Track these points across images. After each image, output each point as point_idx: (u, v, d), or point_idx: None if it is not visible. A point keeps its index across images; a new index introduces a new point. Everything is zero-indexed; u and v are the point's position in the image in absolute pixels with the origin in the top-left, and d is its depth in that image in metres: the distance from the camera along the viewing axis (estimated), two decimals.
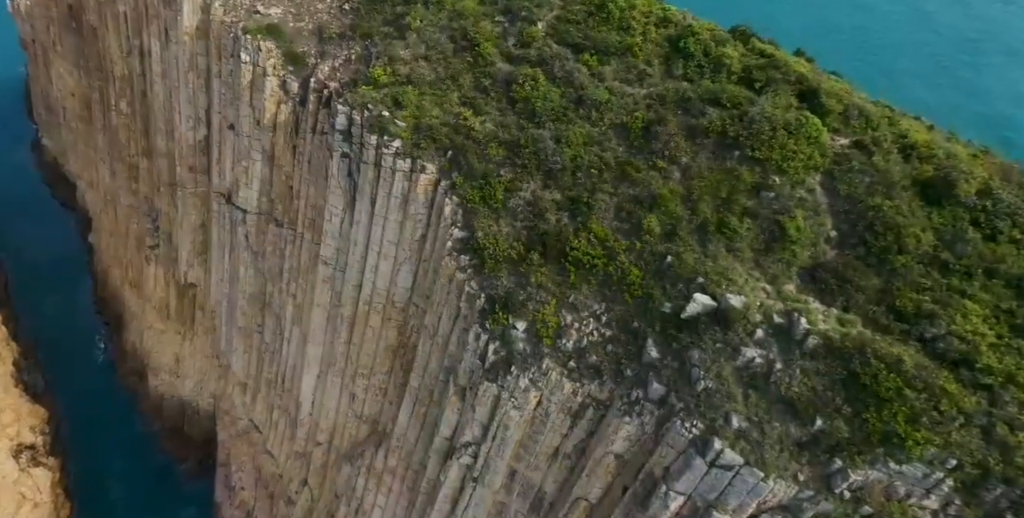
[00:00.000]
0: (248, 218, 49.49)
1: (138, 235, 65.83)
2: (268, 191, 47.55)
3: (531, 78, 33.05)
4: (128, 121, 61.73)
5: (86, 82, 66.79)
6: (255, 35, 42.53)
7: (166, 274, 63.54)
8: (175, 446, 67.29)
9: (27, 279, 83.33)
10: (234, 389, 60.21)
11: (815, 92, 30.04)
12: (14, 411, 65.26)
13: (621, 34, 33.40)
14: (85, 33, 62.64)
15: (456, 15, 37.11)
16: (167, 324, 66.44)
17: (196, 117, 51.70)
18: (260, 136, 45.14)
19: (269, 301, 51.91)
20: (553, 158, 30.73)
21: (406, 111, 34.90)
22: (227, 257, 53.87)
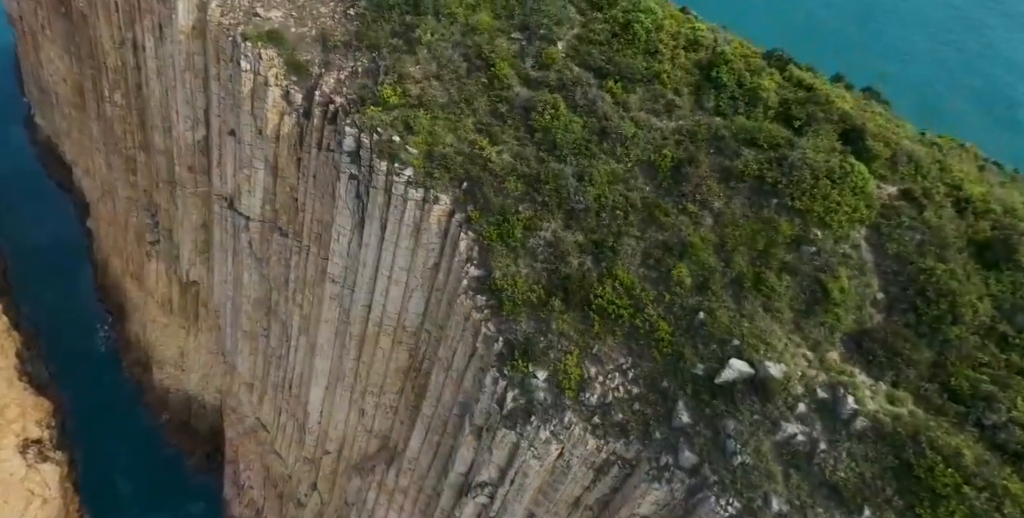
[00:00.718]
0: (251, 225, 47.63)
1: (138, 229, 63.92)
2: (272, 200, 45.61)
3: (551, 106, 30.94)
4: (123, 113, 59.21)
5: (78, 69, 63.99)
6: (255, 42, 40.06)
7: (168, 270, 61.89)
8: (182, 439, 66.66)
9: (26, 265, 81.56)
10: (240, 387, 59.15)
11: (860, 133, 27.99)
12: (19, 406, 64.29)
13: (648, 59, 31.10)
14: (75, 19, 59.64)
15: (469, 30, 34.69)
16: (170, 318, 65.08)
17: (194, 118, 49.40)
18: (262, 145, 43.01)
19: (275, 308, 50.44)
20: (576, 197, 28.89)
21: (418, 137, 32.83)
22: (230, 261, 52.18)
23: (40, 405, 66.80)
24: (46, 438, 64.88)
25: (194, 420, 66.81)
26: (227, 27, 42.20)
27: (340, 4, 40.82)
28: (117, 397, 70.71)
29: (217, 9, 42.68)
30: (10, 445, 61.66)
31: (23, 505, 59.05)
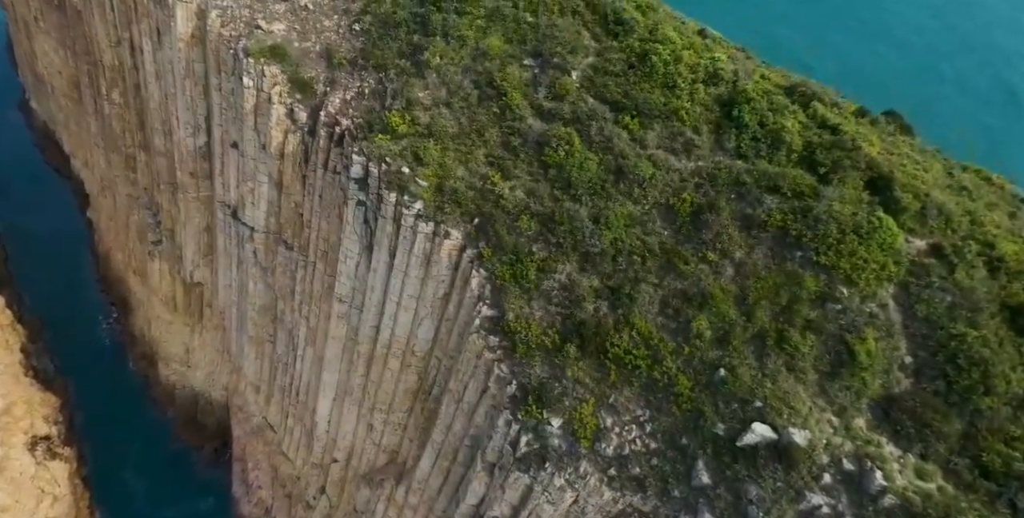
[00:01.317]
0: (256, 236, 46.76)
1: (139, 227, 62.88)
2: (276, 213, 44.66)
3: (565, 141, 29.89)
4: (122, 111, 57.73)
5: (73, 63, 62.21)
6: (258, 57, 38.67)
7: (171, 270, 61.07)
8: (190, 434, 66.67)
9: (26, 253, 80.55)
10: (246, 387, 58.88)
11: (888, 182, 26.93)
12: (26, 403, 64.16)
13: (666, 94, 29.90)
14: (69, 13, 57.66)
15: (480, 55, 33.35)
16: (174, 316, 64.51)
17: (195, 124, 48.07)
18: (266, 160, 41.89)
19: (280, 316, 49.84)
20: (591, 240, 28.07)
21: (428, 169, 31.83)
22: (234, 268, 51.40)
23: (47, 400, 66.68)
24: (54, 434, 64.89)
25: (201, 416, 66.74)
26: (228, 39, 40.75)
27: (344, 18, 39.27)
28: (124, 391, 70.49)
29: (217, 19, 41.12)
30: (19, 443, 61.67)
31: (34, 504, 59.29)
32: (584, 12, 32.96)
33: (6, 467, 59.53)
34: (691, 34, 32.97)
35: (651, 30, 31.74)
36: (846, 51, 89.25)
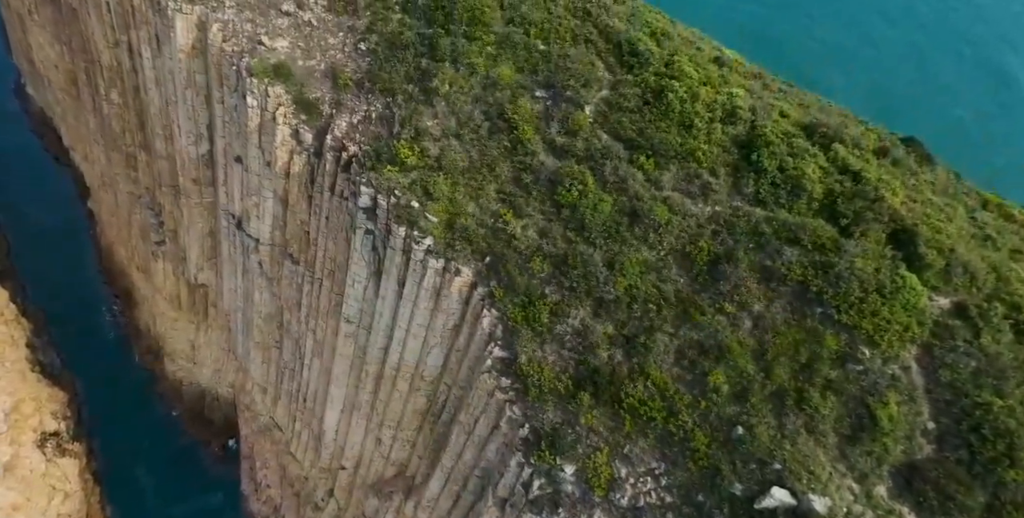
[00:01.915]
0: (261, 248, 46.12)
1: (141, 226, 62.17)
2: (282, 227, 43.96)
3: (579, 181, 29.19)
4: (121, 111, 56.51)
5: (70, 59, 60.71)
6: (261, 77, 37.54)
7: (175, 270, 60.51)
8: (197, 429, 66.96)
9: (27, 243, 79.89)
10: (253, 387, 58.83)
11: (912, 236, 26.18)
12: (34, 399, 64.20)
13: (682, 133, 29.04)
14: (64, 10, 55.99)
15: (490, 84, 32.37)
16: (179, 314, 64.19)
17: (197, 133, 47.09)
18: (271, 176, 41.02)
19: (287, 326, 49.48)
20: (605, 286, 27.59)
21: (438, 204, 31.16)
22: (239, 276, 50.86)
23: (55, 396, 66.74)
24: (63, 430, 65.07)
25: (208, 411, 66.94)
26: (230, 54, 39.59)
27: (350, 36, 38.06)
28: (131, 385, 70.60)
29: (219, 33, 39.89)
30: (28, 441, 61.85)
31: (46, 501, 59.70)
32: (597, 40, 31.88)
33: (17, 465, 59.81)
34: (707, 62, 31.89)
35: (667, 62, 30.70)
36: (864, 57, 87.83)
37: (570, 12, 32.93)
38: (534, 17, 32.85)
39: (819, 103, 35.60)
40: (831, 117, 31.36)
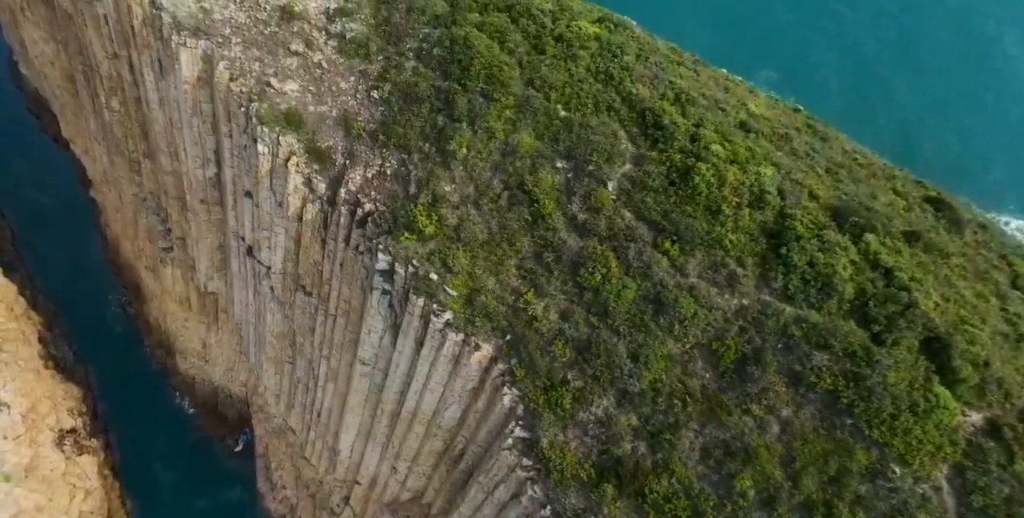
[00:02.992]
0: (273, 276, 45.83)
1: (148, 228, 61.53)
2: (294, 261, 43.53)
3: (602, 264, 28.82)
4: (123, 119, 55.15)
5: (66, 59, 58.78)
6: (272, 126, 36.50)
7: (184, 275, 60.20)
8: (212, 424, 68.16)
9: (31, 229, 79.34)
10: (266, 391, 59.45)
11: (946, 346, 25.86)
12: (49, 398, 65.01)
13: (709, 219, 28.45)
14: (59, 14, 53.87)
15: (510, 151, 31.55)
16: (189, 314, 64.27)
17: (204, 157, 46.17)
18: (283, 216, 40.34)
19: (300, 347, 49.58)
20: (630, 379, 27.52)
21: (457, 278, 30.96)
22: (250, 295, 50.78)
23: (69, 392, 67.56)
24: (79, 426, 66.16)
25: (222, 407, 67.82)
26: (238, 94, 38.37)
27: (362, 81, 36.82)
28: (143, 378, 71.42)
29: (225, 72, 38.64)
30: (47, 441, 62.91)
31: (67, 500, 61.18)
32: (620, 108, 30.84)
33: (37, 466, 61.00)
34: (732, 129, 30.85)
35: (692, 135, 29.78)
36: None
37: (592, 74, 31.74)
38: (554, 79, 31.68)
39: (846, 153, 34.73)
40: (859, 186, 30.60)
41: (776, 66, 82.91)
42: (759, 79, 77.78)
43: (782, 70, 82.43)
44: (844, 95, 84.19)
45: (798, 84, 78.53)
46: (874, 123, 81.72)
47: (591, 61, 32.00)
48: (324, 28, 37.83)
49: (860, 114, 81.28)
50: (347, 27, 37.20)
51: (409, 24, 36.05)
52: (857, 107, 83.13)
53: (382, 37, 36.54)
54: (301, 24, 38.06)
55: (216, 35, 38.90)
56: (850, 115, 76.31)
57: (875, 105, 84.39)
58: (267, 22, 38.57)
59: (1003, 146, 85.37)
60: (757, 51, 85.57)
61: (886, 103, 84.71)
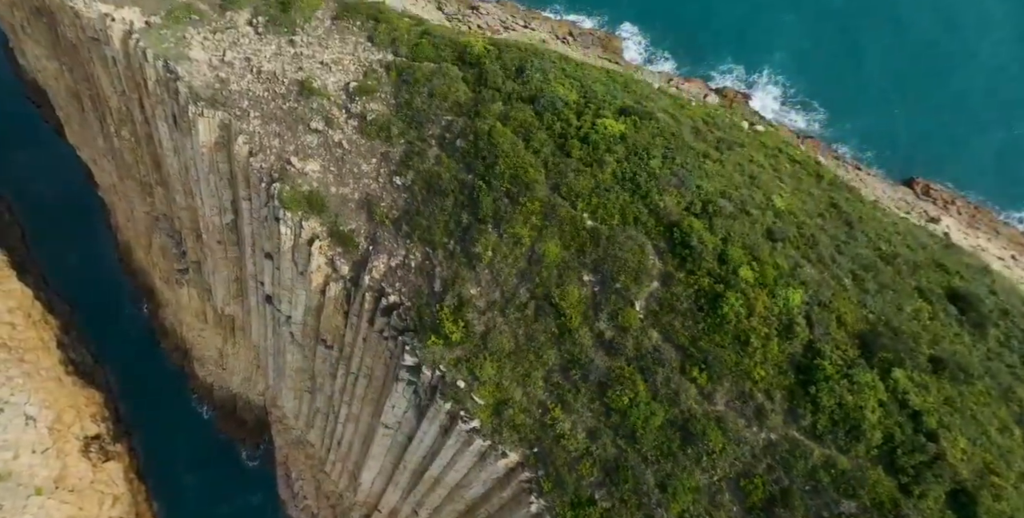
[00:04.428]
0: (293, 325, 46.52)
1: (162, 246, 61.74)
2: (315, 317, 44.07)
3: (630, 388, 29.59)
4: (134, 147, 54.63)
5: (70, 79, 57.60)
6: (294, 210, 36.56)
7: (200, 295, 60.86)
8: (231, 428, 70.11)
9: (41, 227, 79.55)
10: (285, 408, 61.03)
11: (972, 501, 26.71)
12: (73, 407, 66.92)
13: (737, 350, 29.01)
14: (63, 43, 52.57)
15: (536, 259, 31.84)
16: (206, 326, 65.23)
17: (221, 207, 46.22)
18: (304, 284, 40.71)
19: (320, 386, 50.77)
20: (657, 508, 28.74)
21: (484, 388, 31.83)
22: (269, 333, 51.66)
23: (92, 397, 69.40)
24: (103, 432, 68.30)
25: (241, 412, 69.63)
26: (258, 170, 38.17)
27: (384, 164, 36.62)
28: (162, 379, 72.98)
29: (244, 146, 38.45)
30: (73, 450, 65.12)
31: (97, 508, 63.90)
32: (648, 220, 30.91)
33: (66, 476, 63.42)
34: (761, 241, 30.86)
35: (720, 255, 29.96)
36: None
37: (618, 181, 31.64)
38: (580, 187, 31.63)
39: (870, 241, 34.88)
40: (885, 295, 30.94)
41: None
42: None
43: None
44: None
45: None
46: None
47: (617, 166, 31.86)
48: (344, 106, 37.33)
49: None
50: (368, 107, 36.73)
51: (431, 109, 35.61)
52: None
53: (404, 121, 36.14)
54: (320, 100, 37.53)
55: (234, 107, 38.42)
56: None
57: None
58: (285, 97, 38.01)
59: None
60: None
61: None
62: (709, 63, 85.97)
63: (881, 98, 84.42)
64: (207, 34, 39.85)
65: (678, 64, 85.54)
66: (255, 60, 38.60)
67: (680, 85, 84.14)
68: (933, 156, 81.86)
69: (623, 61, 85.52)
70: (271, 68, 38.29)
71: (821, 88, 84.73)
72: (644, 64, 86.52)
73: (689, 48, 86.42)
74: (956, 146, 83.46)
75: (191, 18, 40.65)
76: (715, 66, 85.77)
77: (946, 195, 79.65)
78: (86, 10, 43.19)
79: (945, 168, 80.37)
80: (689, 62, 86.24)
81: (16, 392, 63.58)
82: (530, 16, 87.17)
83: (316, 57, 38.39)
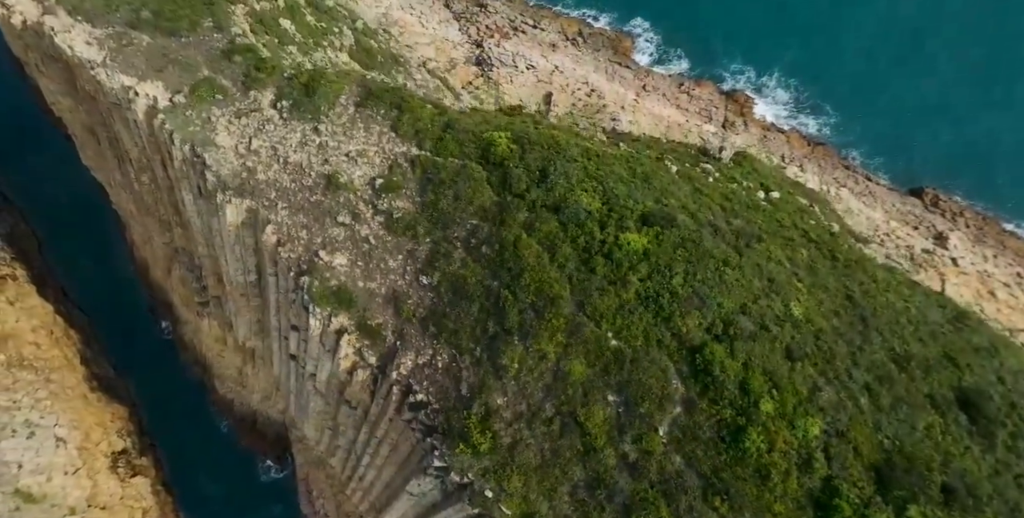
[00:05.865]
0: (317, 383, 48.19)
1: (181, 278, 62.90)
2: (342, 385, 45.63)
3: (654, 512, 31.61)
4: (154, 191, 55.23)
5: (87, 118, 57.71)
6: (323, 305, 37.78)
7: (221, 326, 62.37)
8: (252, 440, 72.56)
9: (57, 237, 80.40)
10: (307, 432, 63.24)
11: None
12: (100, 424, 69.34)
13: (758, 483, 30.84)
14: (81, 92, 52.60)
15: (561, 376, 33.27)
16: (226, 348, 66.94)
17: (245, 269, 47.25)
18: (331, 359, 42.19)
19: (343, 430, 52.74)
20: None
21: (511, 500, 33.62)
22: (292, 380, 53.27)
23: (116, 412, 71.78)
24: (129, 446, 70.94)
25: (261, 426, 72.00)
26: (286, 259, 39.20)
27: (410, 262, 37.70)
28: (183, 390, 74.98)
29: (273, 236, 39.50)
30: (103, 467, 67.85)
31: None
32: (670, 343, 32.22)
33: (98, 494, 66.31)
34: (780, 362, 32.26)
35: (742, 383, 31.41)
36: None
37: (641, 302, 32.82)
38: (604, 306, 32.86)
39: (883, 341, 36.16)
40: (900, 411, 32.44)
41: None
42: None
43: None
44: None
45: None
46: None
47: (640, 286, 33.00)
48: (371, 202, 38.13)
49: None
50: (394, 205, 37.56)
51: (457, 212, 36.46)
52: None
53: (429, 220, 37.02)
54: (347, 195, 38.30)
55: (262, 197, 39.20)
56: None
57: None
58: (312, 189, 38.73)
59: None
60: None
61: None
62: (720, 63, 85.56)
63: (892, 101, 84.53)
64: (232, 117, 40.26)
65: (690, 64, 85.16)
66: (281, 149, 39.15)
67: (691, 90, 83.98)
68: (943, 161, 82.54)
69: (633, 64, 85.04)
70: (297, 159, 38.89)
71: (832, 90, 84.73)
72: (655, 65, 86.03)
73: (700, 47, 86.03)
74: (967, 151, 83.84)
75: (215, 98, 40.94)
76: (726, 67, 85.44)
77: (954, 206, 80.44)
78: (108, 81, 43.41)
79: (955, 174, 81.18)
80: (700, 63, 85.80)
81: (46, 414, 65.90)
82: (539, 14, 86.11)
83: (341, 148, 38.94)
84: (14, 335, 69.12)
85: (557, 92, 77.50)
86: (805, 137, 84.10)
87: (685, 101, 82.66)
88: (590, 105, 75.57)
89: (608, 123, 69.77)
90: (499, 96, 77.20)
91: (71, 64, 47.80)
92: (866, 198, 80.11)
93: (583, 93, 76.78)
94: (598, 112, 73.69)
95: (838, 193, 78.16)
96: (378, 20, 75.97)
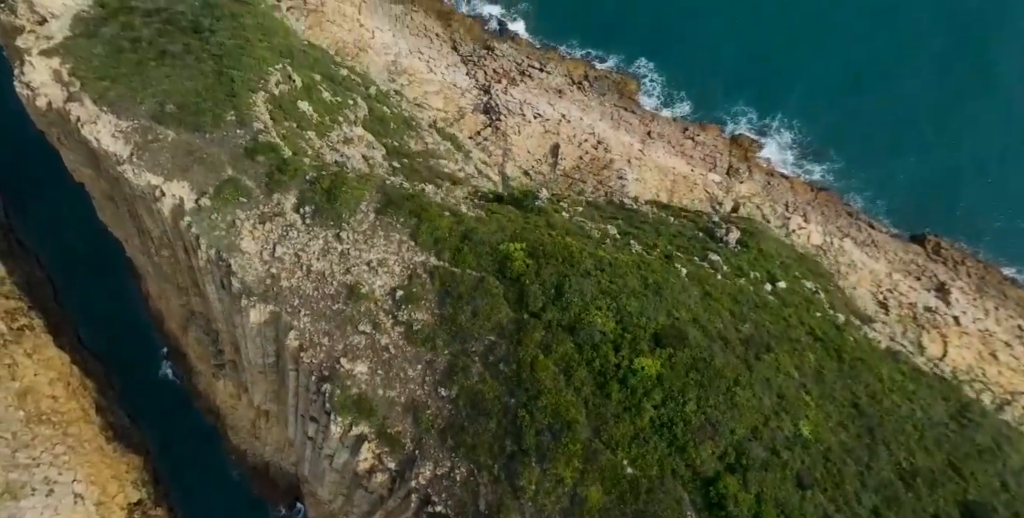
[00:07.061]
0: (335, 462, 49.32)
1: (198, 338, 64.04)
2: (358, 477, 46.72)
3: None
4: (173, 264, 56.26)
5: (108, 188, 58.67)
6: (345, 414, 38.91)
7: (236, 387, 63.53)
8: (263, 488, 73.86)
9: (70, 282, 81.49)
10: (321, 493, 64.50)
11: None
12: (116, 477, 70.70)
13: None
14: (104, 173, 53.57)
15: (578, 502, 34.48)
16: (239, 403, 68.12)
17: (265, 353, 48.24)
18: (349, 452, 43.35)
19: (357, 504, 53.95)
20: None
21: None
22: (308, 450, 54.34)
23: (132, 463, 73.10)
24: (145, 496, 72.26)
25: (273, 475, 73.29)
26: (308, 364, 40.29)
27: (429, 372, 38.86)
28: (196, 436, 76.09)
29: (295, 341, 40.46)
30: None
31: None
32: (684, 473, 33.46)
33: None
34: (791, 488, 33.51)
35: (755, 517, 32.62)
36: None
37: (655, 430, 34.02)
38: (619, 433, 34.04)
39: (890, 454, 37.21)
40: None
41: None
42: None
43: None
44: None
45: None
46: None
47: (655, 413, 34.14)
48: (391, 312, 39.22)
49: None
50: (414, 317, 38.63)
51: (475, 328, 37.56)
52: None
53: (448, 333, 38.14)
54: (368, 304, 39.39)
55: (285, 303, 40.30)
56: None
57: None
58: (335, 298, 39.84)
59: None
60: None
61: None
62: (723, 107, 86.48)
63: (896, 146, 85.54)
64: (256, 222, 41.31)
65: (694, 107, 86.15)
66: (304, 257, 40.22)
67: (695, 136, 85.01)
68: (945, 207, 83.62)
69: (638, 108, 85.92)
70: (320, 267, 39.98)
71: (835, 135, 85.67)
72: (660, 107, 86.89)
73: (703, 88, 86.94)
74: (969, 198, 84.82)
75: (239, 200, 41.93)
76: (728, 109, 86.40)
77: (956, 255, 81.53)
78: (135, 178, 44.41)
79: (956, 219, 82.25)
80: (704, 104, 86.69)
81: (64, 471, 67.26)
82: (545, 57, 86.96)
83: (363, 257, 40.00)
84: (33, 389, 70.42)
85: (564, 143, 78.45)
86: (808, 183, 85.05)
87: (690, 147, 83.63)
88: (597, 159, 76.49)
89: (615, 182, 70.67)
90: (507, 148, 78.18)
91: (96, 153, 48.77)
92: (869, 248, 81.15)
93: (590, 145, 77.69)
94: (604, 168, 74.60)
95: (841, 245, 79.27)
96: (387, 68, 76.83)
